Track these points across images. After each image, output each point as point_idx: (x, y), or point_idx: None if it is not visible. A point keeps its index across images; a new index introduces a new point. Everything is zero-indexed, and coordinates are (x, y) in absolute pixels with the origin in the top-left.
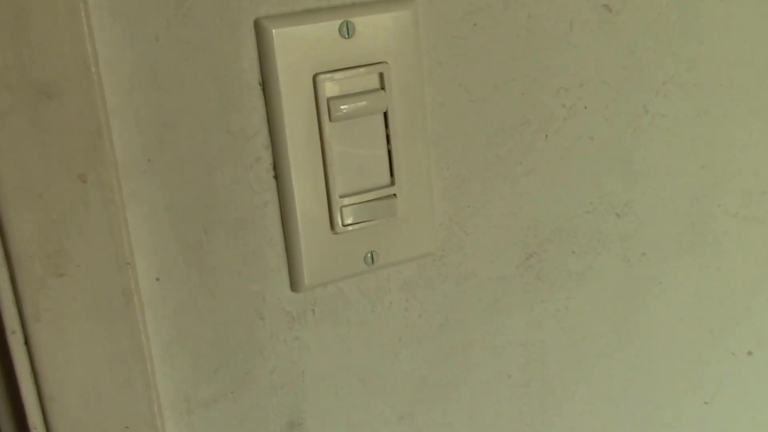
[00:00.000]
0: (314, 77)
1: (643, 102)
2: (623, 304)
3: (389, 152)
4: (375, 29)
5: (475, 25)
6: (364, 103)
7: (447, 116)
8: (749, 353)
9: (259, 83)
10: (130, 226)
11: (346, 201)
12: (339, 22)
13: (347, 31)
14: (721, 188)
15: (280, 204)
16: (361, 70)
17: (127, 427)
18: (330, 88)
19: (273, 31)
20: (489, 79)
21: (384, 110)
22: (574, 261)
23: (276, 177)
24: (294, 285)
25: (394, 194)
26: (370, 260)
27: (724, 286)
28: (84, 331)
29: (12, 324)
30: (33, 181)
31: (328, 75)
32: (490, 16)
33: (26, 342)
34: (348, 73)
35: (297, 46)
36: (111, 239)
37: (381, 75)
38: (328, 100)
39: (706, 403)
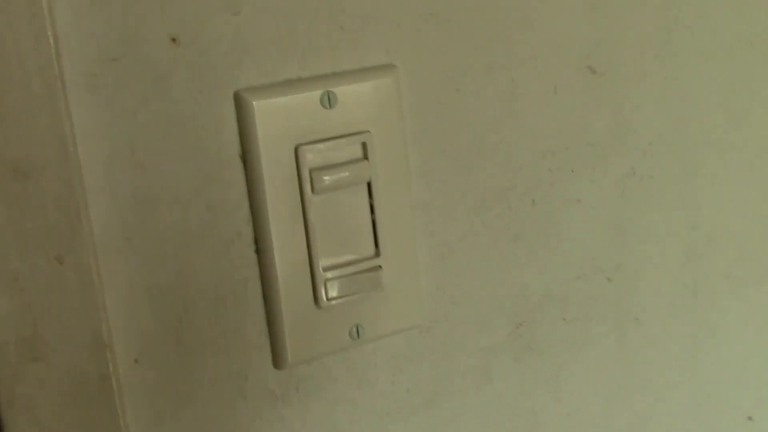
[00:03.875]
0: (296, 148)
1: (631, 163)
2: (617, 371)
3: (373, 222)
4: (357, 98)
5: (457, 90)
6: (346, 173)
7: (431, 183)
8: (749, 418)
9: (240, 156)
10: (107, 307)
11: (330, 274)
12: (320, 92)
13: (329, 101)
14: (713, 249)
15: (261, 279)
16: (344, 140)
17: None
18: (312, 159)
19: (253, 102)
20: (473, 144)
21: (367, 180)
22: (565, 328)
23: (257, 252)
24: (277, 362)
25: (380, 265)
26: (355, 334)
27: (720, 349)
28: (60, 417)
29: None
30: (8, 263)
31: (310, 146)
32: (472, 80)
33: (0, 429)
34: (330, 143)
35: (278, 117)
36: (88, 322)
37: (364, 144)
38: (311, 171)
39: None
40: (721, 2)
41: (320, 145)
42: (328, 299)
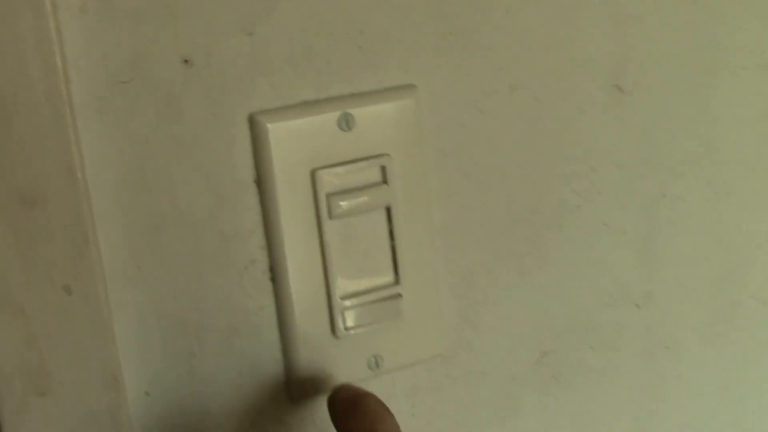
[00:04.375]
0: (312, 173)
1: (660, 185)
2: (647, 401)
3: (393, 248)
4: (375, 120)
5: (479, 111)
6: (365, 198)
7: (453, 208)
8: None
9: (254, 181)
10: (117, 338)
11: (348, 303)
12: (338, 114)
13: (346, 123)
14: (747, 273)
15: (277, 308)
16: (362, 163)
17: None
18: (329, 183)
19: (268, 125)
20: (496, 167)
21: (387, 205)
22: (592, 357)
23: (272, 279)
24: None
25: (399, 293)
26: (374, 365)
27: (754, 378)
28: None
29: None
30: (14, 294)
31: (327, 170)
32: (495, 101)
33: None
34: (348, 167)
35: (294, 140)
36: (97, 354)
37: (383, 168)
38: (327, 196)
39: None
40: (754, 18)
41: (338, 169)
42: (345, 329)
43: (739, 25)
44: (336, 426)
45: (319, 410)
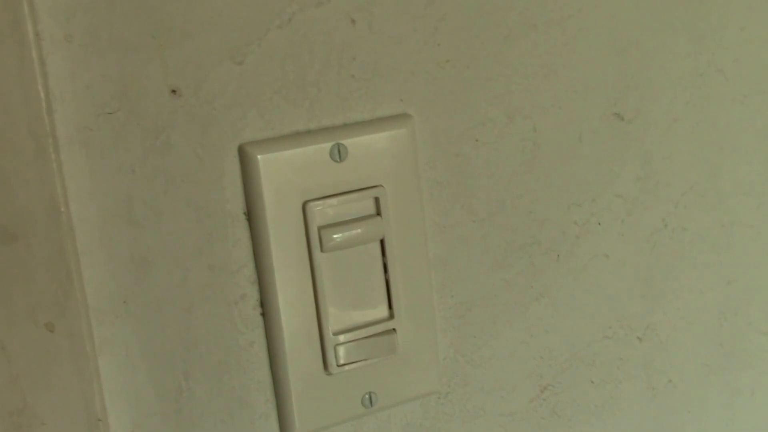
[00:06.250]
0: (304, 205)
1: (662, 215)
2: None
3: (387, 282)
4: (369, 151)
5: (476, 140)
6: (358, 230)
7: (449, 240)
8: None
9: (244, 213)
10: (102, 377)
11: (341, 338)
12: (330, 144)
13: (339, 154)
14: (751, 305)
15: (267, 344)
16: (355, 195)
17: None
18: (321, 215)
19: (258, 157)
20: (493, 197)
21: (380, 237)
22: (593, 391)
23: (263, 314)
24: None
25: (394, 328)
26: (368, 402)
27: (760, 411)
28: None
29: None
30: None
31: (319, 202)
32: (492, 130)
33: None
34: (340, 199)
35: (284, 172)
36: (80, 393)
37: (376, 200)
38: (320, 229)
39: None
40: (756, 45)
41: (330, 201)
42: (338, 365)
43: (741, 54)
44: None
45: None
